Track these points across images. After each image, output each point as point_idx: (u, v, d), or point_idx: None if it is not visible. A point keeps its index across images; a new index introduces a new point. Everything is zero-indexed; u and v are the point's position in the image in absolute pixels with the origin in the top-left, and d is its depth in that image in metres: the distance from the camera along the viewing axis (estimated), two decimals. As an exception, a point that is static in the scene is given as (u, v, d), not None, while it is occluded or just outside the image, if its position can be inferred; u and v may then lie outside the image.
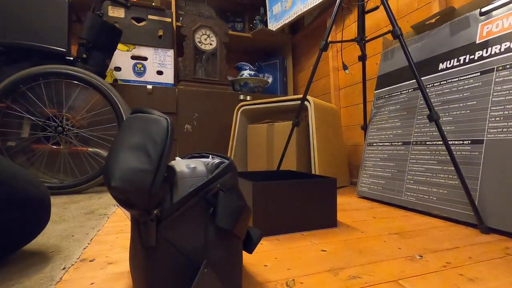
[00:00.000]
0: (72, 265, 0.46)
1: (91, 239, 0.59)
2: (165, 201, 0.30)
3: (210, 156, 0.40)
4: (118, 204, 0.66)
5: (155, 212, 0.28)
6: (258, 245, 0.56)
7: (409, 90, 0.95)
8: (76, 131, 1.20)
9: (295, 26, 2.10)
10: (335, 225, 0.67)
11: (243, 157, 1.52)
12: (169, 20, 1.68)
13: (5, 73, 1.11)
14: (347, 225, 0.69)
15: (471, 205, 0.65)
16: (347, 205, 0.93)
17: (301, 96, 1.20)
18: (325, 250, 0.53)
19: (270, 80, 2.08)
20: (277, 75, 2.06)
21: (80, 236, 0.61)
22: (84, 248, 0.54)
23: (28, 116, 1.13)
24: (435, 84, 0.85)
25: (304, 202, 0.64)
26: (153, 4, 1.66)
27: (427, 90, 0.87)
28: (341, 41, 0.96)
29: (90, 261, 0.48)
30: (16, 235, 0.45)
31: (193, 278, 0.29)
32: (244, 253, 0.51)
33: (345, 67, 1.01)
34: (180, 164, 0.33)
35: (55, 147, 1.18)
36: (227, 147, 1.67)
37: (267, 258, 0.49)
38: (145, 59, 1.62)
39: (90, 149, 1.25)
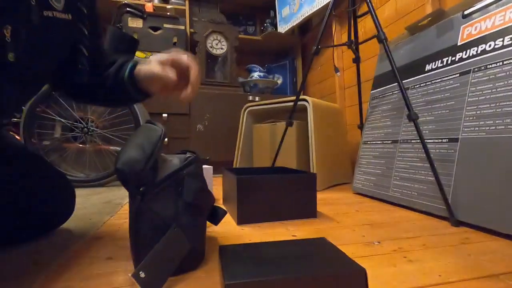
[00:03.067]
0: (86, 240, 0.58)
1: (104, 222, 0.71)
2: (150, 182, 0.41)
3: (188, 152, 0.49)
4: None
5: (141, 189, 0.40)
6: (239, 229, 0.64)
7: (399, 91, 0.98)
8: (99, 131, 1.36)
9: (304, 27, 2.15)
10: (314, 216, 0.74)
11: (249, 155, 1.61)
12: (182, 27, 1.80)
13: (40, 82, 1.28)
14: (327, 216, 0.75)
15: (443, 199, 0.69)
16: (338, 199, 0.99)
17: (302, 97, 1.26)
18: (295, 236, 0.60)
19: (280, 81, 2.15)
20: (286, 75, 2.13)
21: (96, 220, 0.73)
22: (97, 229, 0.66)
23: (59, 119, 1.30)
24: (421, 85, 0.89)
25: (285, 194, 0.72)
26: (168, 13, 1.80)
27: (415, 90, 0.91)
28: (333, 46, 1.02)
29: (99, 238, 0.60)
30: (55, 219, 0.61)
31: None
32: (227, 235, 0.60)
33: (336, 70, 1.06)
34: (163, 158, 0.44)
35: (81, 145, 1.35)
36: (236, 145, 1.76)
37: (243, 239, 0.58)
38: (161, 64, 1.76)
39: (111, 147, 1.41)
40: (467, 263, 0.45)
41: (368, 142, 1.09)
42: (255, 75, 1.96)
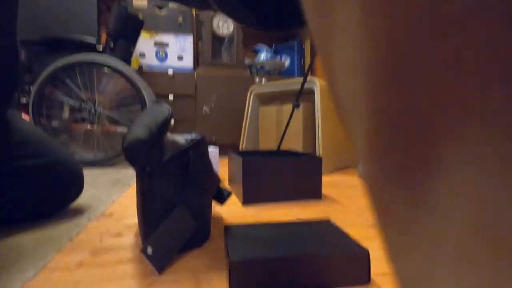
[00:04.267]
0: (96, 217, 0.60)
1: (113, 201, 0.73)
2: (156, 162, 0.42)
3: (194, 134, 0.50)
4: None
5: (148, 168, 0.40)
6: (244, 210, 0.65)
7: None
8: (106, 113, 1.37)
9: (314, 6, 2.07)
10: (319, 198, 0.75)
11: (255, 137, 1.60)
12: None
13: (46, 63, 1.29)
14: (332, 199, 0.76)
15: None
16: (343, 183, 0.99)
17: (310, 78, 1.24)
18: (300, 217, 0.61)
19: (287, 62, 2.11)
20: (294, 56, 2.08)
21: (105, 199, 0.75)
22: (106, 207, 0.68)
23: (67, 100, 1.31)
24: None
25: (290, 177, 0.72)
26: (173, -9, 1.75)
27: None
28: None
29: (108, 216, 0.61)
30: (65, 198, 0.62)
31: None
32: (232, 215, 0.61)
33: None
34: (169, 138, 0.45)
35: (89, 126, 1.36)
36: (241, 128, 1.76)
37: (247, 219, 0.59)
38: (167, 45, 1.73)
39: (119, 128, 1.42)
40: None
41: (376, 126, 1.07)
42: (262, 56, 1.92)
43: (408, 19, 0.07)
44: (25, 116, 1.28)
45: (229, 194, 0.50)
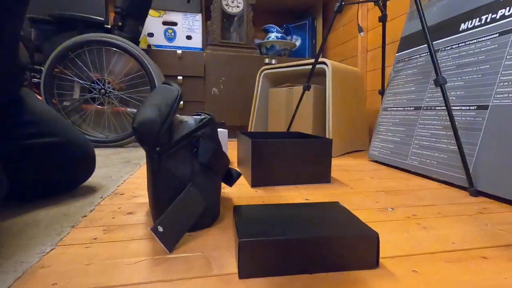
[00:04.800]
0: (108, 196, 0.61)
1: (124, 180, 0.75)
2: (166, 142, 0.42)
3: (203, 114, 0.49)
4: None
5: (158, 149, 0.40)
6: (252, 191, 0.66)
7: (428, 53, 0.91)
8: (116, 93, 1.37)
9: (327, -18, 1.98)
10: (328, 181, 0.74)
11: (264, 119, 1.59)
12: (197, -17, 1.70)
13: (55, 42, 1.28)
14: (341, 182, 0.75)
15: (464, 168, 0.67)
16: (353, 166, 0.98)
17: (321, 59, 1.20)
18: (308, 199, 0.61)
19: (298, 42, 2.05)
20: (305, 36, 2.02)
21: (116, 178, 0.77)
22: (118, 186, 0.69)
23: (77, 80, 1.32)
24: (453, 47, 0.82)
25: (299, 159, 0.71)
26: (182, -33, 1.69)
27: (445, 53, 0.84)
28: (358, 2, 0.93)
29: (120, 194, 0.63)
30: (77, 177, 0.63)
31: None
32: (241, 196, 0.62)
33: (360, 30, 0.98)
34: (178, 119, 0.44)
35: (100, 107, 1.37)
36: (251, 109, 1.75)
37: (256, 200, 0.59)
38: (175, 24, 1.70)
39: (128, 109, 1.43)
40: (483, 232, 0.44)
41: (389, 109, 1.04)
42: (272, 36, 1.86)
43: None
44: (38, 96, 1.30)
45: (238, 175, 0.50)
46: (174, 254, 0.36)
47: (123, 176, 0.79)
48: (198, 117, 0.46)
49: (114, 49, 1.29)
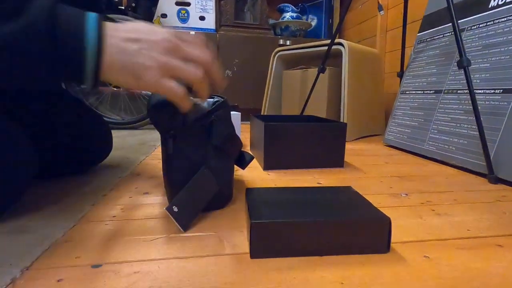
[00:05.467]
0: (125, 176, 0.63)
1: (140, 162, 0.77)
2: (180, 125, 0.42)
3: (216, 97, 0.49)
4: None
5: (172, 131, 0.41)
6: (265, 174, 0.66)
7: (452, 33, 0.86)
8: (131, 75, 1.38)
9: (347, -44, 1.87)
10: (341, 166, 0.74)
11: (278, 102, 1.57)
12: (210, -40, 1.65)
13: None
14: (354, 167, 0.75)
15: (484, 155, 0.64)
16: (367, 151, 0.96)
17: (338, 40, 1.16)
18: (321, 183, 0.61)
19: (314, 22, 1.98)
20: (322, 16, 1.94)
21: (133, 159, 0.79)
22: (134, 167, 0.71)
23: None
24: (480, 25, 0.77)
25: (313, 143, 0.71)
26: None
27: (471, 32, 0.79)
28: (379, -22, 0.88)
29: (137, 175, 0.65)
30: (96, 157, 0.67)
31: None
32: (254, 179, 0.63)
33: (380, 8, 0.94)
34: (192, 101, 0.44)
35: (115, 89, 1.40)
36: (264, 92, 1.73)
37: (268, 183, 0.60)
38: (188, 4, 1.67)
39: (143, 92, 1.44)
40: (501, 220, 0.43)
41: (407, 92, 1.01)
42: (287, 15, 1.81)
43: None
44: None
45: (251, 158, 0.50)
46: (188, 233, 0.38)
47: (139, 158, 0.81)
48: (211, 99, 0.46)
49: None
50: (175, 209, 0.37)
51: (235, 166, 0.50)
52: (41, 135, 0.55)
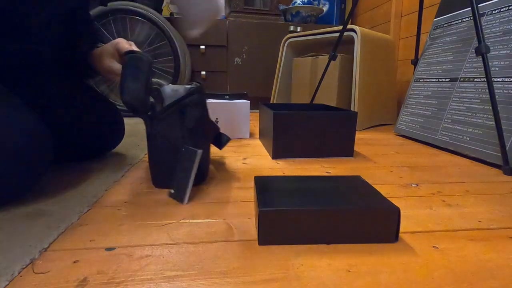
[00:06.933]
0: (136, 163, 0.65)
1: (151, 149, 0.78)
2: (157, 109, 0.47)
3: (194, 83, 0.51)
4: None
5: (149, 113, 0.46)
6: (273, 163, 0.66)
7: (471, 18, 0.82)
8: (141, 63, 1.39)
9: None
10: (351, 155, 0.73)
11: (288, 90, 1.56)
12: None
13: (82, 11, 1.29)
14: (364, 156, 0.74)
15: (500, 145, 0.63)
16: (378, 140, 0.95)
17: (350, 26, 1.13)
18: (330, 172, 0.61)
19: (325, 7, 1.92)
20: (334, 1, 1.88)
21: (143, 146, 0.80)
22: (145, 154, 0.73)
23: (104, 50, 1.34)
24: (502, 9, 0.73)
25: (322, 132, 0.70)
26: None
27: (492, 17, 0.75)
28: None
29: (146, 161, 0.66)
30: (108, 144, 0.68)
31: (174, 155, 0.45)
32: (262, 167, 0.63)
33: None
34: (169, 88, 0.52)
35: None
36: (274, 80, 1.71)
37: (277, 172, 0.60)
38: (197, -10, 1.64)
39: (153, 79, 1.45)
40: (513, 212, 0.43)
41: (421, 80, 0.98)
42: (298, 1, 1.76)
43: None
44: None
45: (227, 139, 0.55)
46: (198, 219, 0.39)
47: (149, 145, 0.82)
48: (188, 86, 0.51)
49: (138, 17, 1.29)
50: (172, 191, 0.44)
51: (240, 159, 0.51)
52: (56, 121, 0.56)
